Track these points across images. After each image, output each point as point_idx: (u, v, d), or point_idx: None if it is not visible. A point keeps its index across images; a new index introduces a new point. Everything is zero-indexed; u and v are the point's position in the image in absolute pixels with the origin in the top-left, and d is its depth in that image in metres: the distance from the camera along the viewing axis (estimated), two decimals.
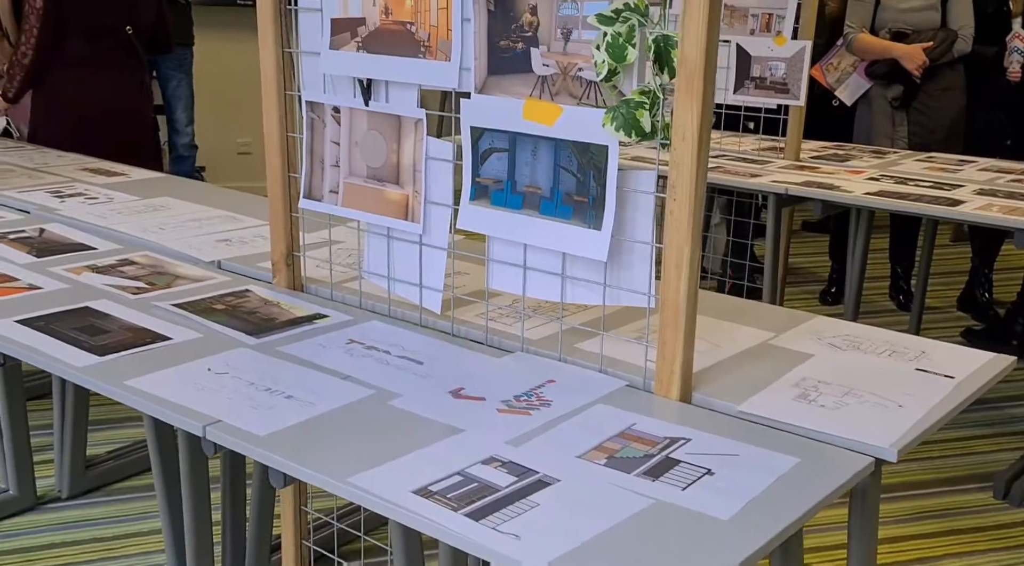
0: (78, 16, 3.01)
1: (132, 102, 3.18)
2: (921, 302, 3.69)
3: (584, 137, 1.41)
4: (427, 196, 1.61)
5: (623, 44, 1.32)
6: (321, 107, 1.70)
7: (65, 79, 3.06)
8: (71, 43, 3.03)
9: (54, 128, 3.06)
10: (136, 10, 3.17)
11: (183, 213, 2.28)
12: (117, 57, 3.12)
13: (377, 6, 1.58)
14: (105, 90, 3.08)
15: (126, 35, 3.12)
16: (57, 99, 3.07)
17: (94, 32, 3.05)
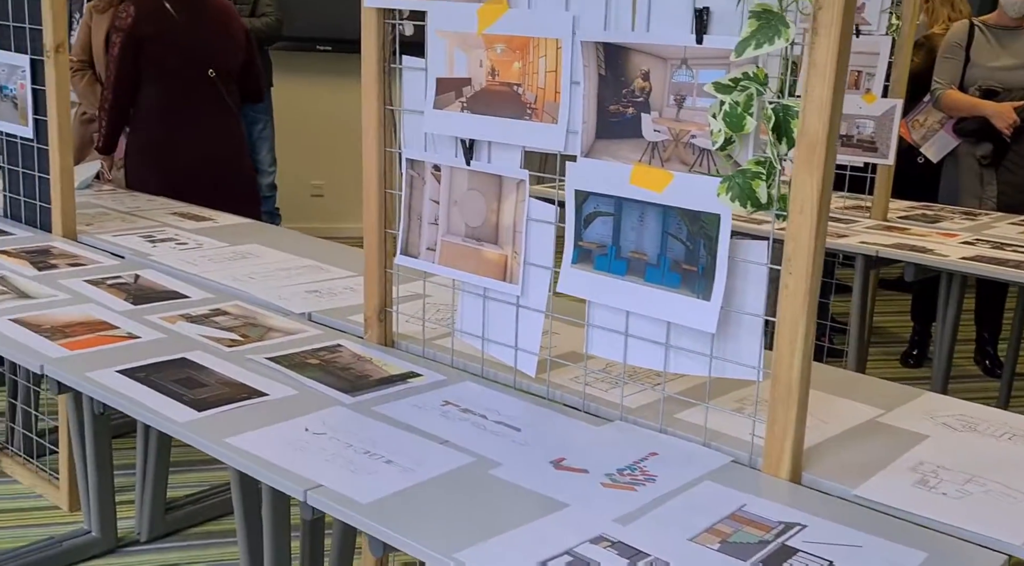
0: (157, 61, 3.08)
1: (221, 147, 3.23)
2: (1012, 371, 3.55)
3: (695, 205, 1.38)
4: (526, 257, 1.59)
5: (741, 114, 1.29)
6: (421, 165, 1.70)
7: (150, 125, 3.12)
8: (152, 89, 3.10)
9: (144, 173, 3.13)
10: (219, 54, 3.22)
11: (271, 262, 2.30)
12: (202, 102, 3.18)
13: (483, 67, 1.58)
14: (191, 135, 3.13)
15: (210, 79, 3.18)
16: (144, 145, 3.13)
17: (175, 77, 3.12)
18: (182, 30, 3.09)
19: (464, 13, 1.57)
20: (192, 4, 3.14)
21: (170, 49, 3.09)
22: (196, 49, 3.15)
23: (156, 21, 3.06)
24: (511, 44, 1.54)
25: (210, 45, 3.19)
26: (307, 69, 5.58)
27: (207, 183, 3.11)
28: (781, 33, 1.25)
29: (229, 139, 3.29)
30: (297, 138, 5.73)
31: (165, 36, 3.06)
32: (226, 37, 3.24)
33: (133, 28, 3.02)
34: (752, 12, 1.26)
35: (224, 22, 3.25)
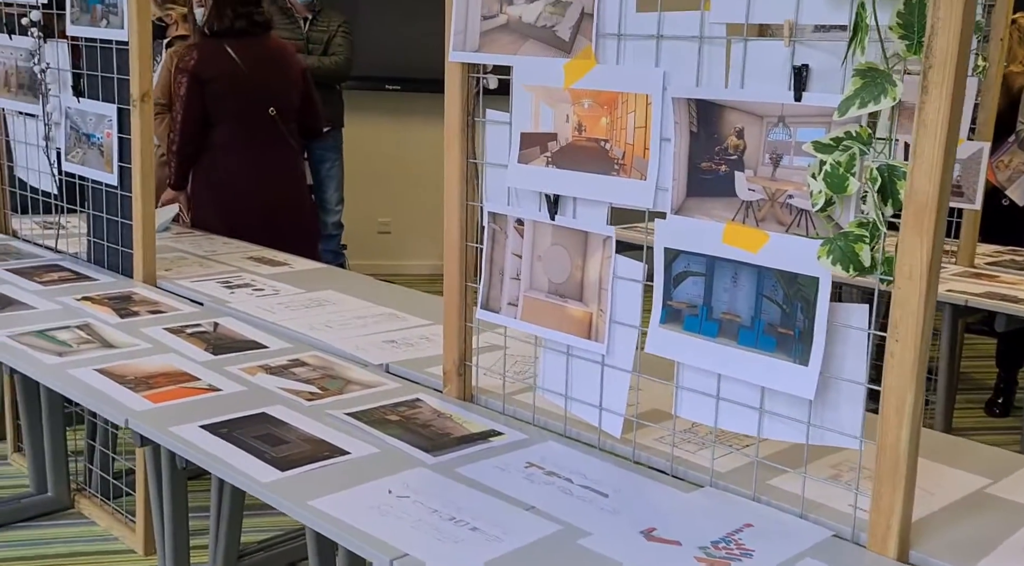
0: (220, 102, 3.14)
1: (283, 186, 3.27)
2: None
3: (792, 267, 1.32)
4: (612, 315, 1.55)
5: (843, 174, 1.24)
6: (504, 218, 1.68)
7: (214, 164, 3.18)
8: (216, 129, 3.15)
9: (210, 212, 3.18)
10: (279, 93, 3.27)
11: (347, 309, 2.30)
12: (264, 140, 3.23)
13: (570, 122, 1.56)
14: (254, 173, 3.18)
15: (271, 118, 3.23)
16: (209, 184, 3.19)
17: (238, 117, 3.17)
18: (243, 71, 3.16)
19: (550, 68, 1.55)
20: (251, 45, 3.21)
21: (232, 90, 3.16)
22: (257, 89, 3.22)
23: (218, 63, 3.13)
24: (599, 99, 1.52)
25: (270, 85, 3.25)
26: (375, 108, 5.65)
27: (269, 219, 3.15)
28: (887, 92, 1.20)
29: (290, 176, 3.34)
30: (364, 175, 5.79)
31: (227, 77, 3.13)
32: (285, 76, 3.31)
33: (196, 69, 3.09)
34: (856, 70, 1.21)
35: (282, 61, 3.32)
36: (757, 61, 1.34)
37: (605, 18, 1.49)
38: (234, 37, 3.17)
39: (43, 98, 2.60)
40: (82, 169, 2.57)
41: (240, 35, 3.18)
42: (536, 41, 1.57)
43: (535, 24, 1.57)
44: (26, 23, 2.55)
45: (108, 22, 2.39)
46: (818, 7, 1.26)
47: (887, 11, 1.19)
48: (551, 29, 1.55)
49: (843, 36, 1.23)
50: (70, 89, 2.54)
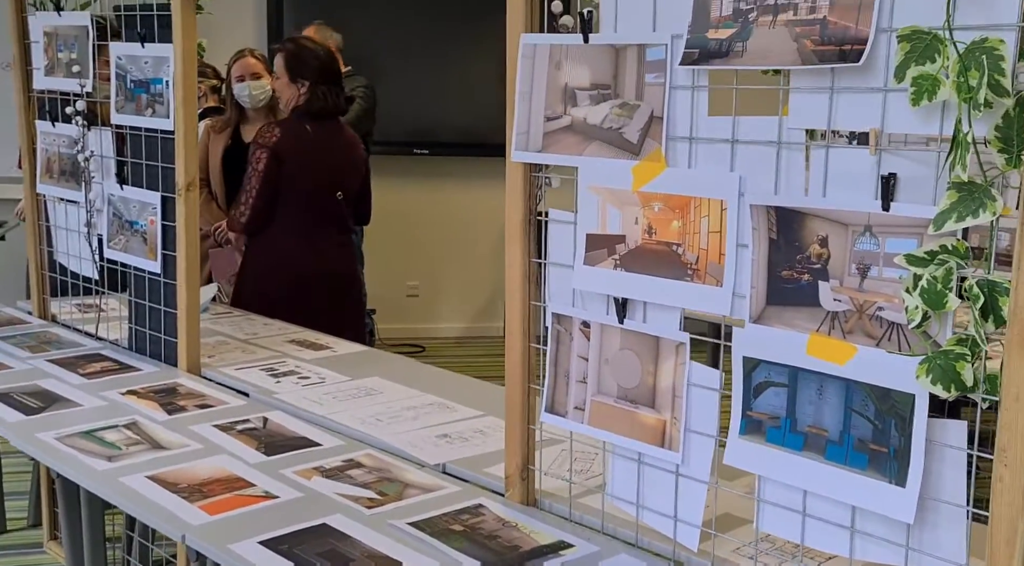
0: (295, 181, 3.13)
1: (341, 268, 3.26)
2: None
3: (885, 382, 1.27)
4: (687, 424, 1.50)
5: (942, 290, 1.19)
6: (569, 320, 1.63)
7: (276, 244, 3.16)
8: (284, 208, 3.14)
9: (258, 293, 3.15)
10: (347, 178, 3.27)
11: (395, 399, 2.25)
12: (329, 222, 3.21)
13: (639, 224, 1.52)
14: (315, 258, 3.16)
15: (337, 202, 3.21)
16: (268, 264, 3.16)
17: (309, 198, 3.16)
18: (319, 152, 3.15)
19: (618, 170, 1.52)
20: (327, 128, 3.21)
21: (307, 171, 3.15)
22: (329, 173, 3.20)
23: (298, 142, 3.12)
24: (670, 203, 1.48)
25: (341, 169, 3.25)
26: (404, 172, 5.66)
27: (324, 303, 3.12)
28: (986, 206, 1.15)
29: (348, 260, 3.32)
30: (392, 239, 5.78)
31: (304, 158, 3.12)
32: (353, 162, 3.31)
33: (278, 146, 3.08)
34: (953, 183, 1.17)
35: (350, 147, 3.33)
36: (840, 168, 1.30)
37: (675, 121, 1.46)
38: (316, 118, 3.16)
39: (86, 185, 2.59)
40: (125, 256, 2.55)
41: (322, 116, 3.17)
42: (602, 143, 1.54)
43: (601, 126, 1.54)
44: (70, 112, 2.55)
45: (154, 111, 2.39)
46: (906, 117, 1.22)
47: (985, 123, 1.15)
48: (618, 131, 1.52)
49: (932, 144, 1.20)
50: (114, 176, 2.53)
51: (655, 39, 1.46)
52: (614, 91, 1.52)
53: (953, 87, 1.15)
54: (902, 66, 1.18)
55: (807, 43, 1.29)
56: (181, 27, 2.29)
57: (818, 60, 1.28)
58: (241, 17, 5.43)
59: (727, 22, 1.37)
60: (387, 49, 5.43)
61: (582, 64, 1.55)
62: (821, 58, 1.27)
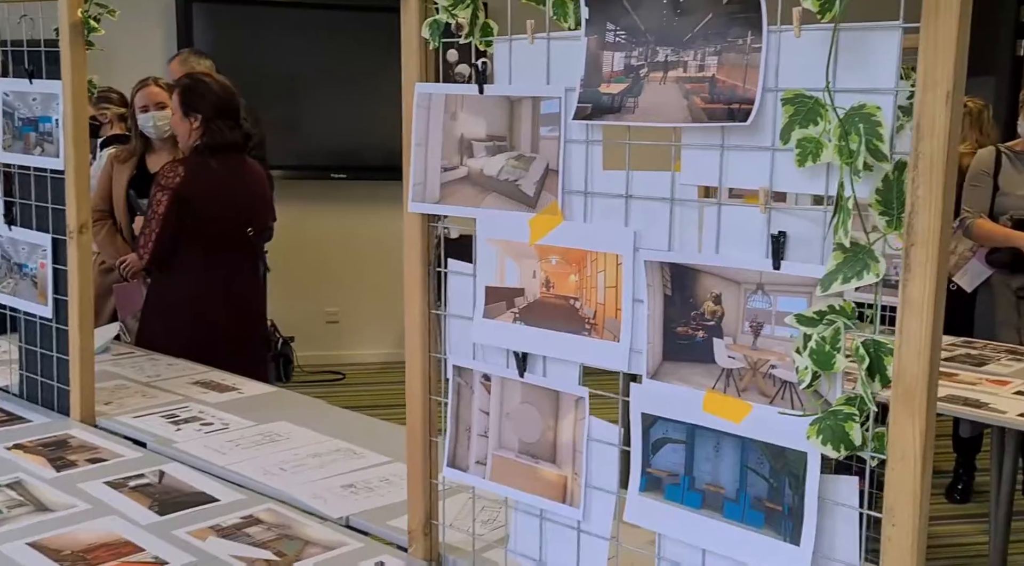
0: (200, 222, 3.04)
1: (248, 306, 3.17)
2: None
3: (779, 440, 1.27)
4: (588, 480, 1.48)
5: (830, 352, 1.19)
6: (470, 373, 1.60)
7: (185, 281, 3.06)
8: (190, 246, 3.04)
9: (163, 332, 3.04)
10: (257, 214, 3.19)
11: (301, 445, 2.19)
12: (237, 260, 3.13)
13: (537, 278, 1.50)
14: (221, 297, 3.07)
15: (246, 238, 3.14)
16: (169, 303, 3.06)
17: (215, 238, 3.07)
18: (226, 190, 3.07)
19: (515, 222, 1.50)
20: (233, 163, 3.12)
21: (213, 210, 3.05)
22: (237, 208, 3.12)
23: (203, 181, 3.03)
24: (567, 256, 1.46)
25: (250, 205, 3.17)
26: (322, 197, 5.58)
27: (229, 341, 3.03)
28: (870, 268, 1.16)
29: (255, 298, 3.23)
30: (309, 265, 5.69)
31: (210, 197, 3.03)
32: (261, 196, 3.24)
33: (181, 187, 2.99)
34: (837, 244, 1.18)
35: (259, 181, 3.25)
36: (732, 225, 1.30)
37: (571, 175, 1.44)
38: (220, 152, 3.07)
39: None
40: (13, 300, 2.43)
41: (227, 150, 3.08)
42: (499, 195, 1.52)
43: (497, 177, 1.52)
44: None
45: (43, 149, 2.29)
46: (794, 177, 1.22)
47: (866, 185, 1.16)
48: (514, 183, 1.50)
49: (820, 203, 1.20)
50: (1, 217, 2.41)
51: (549, 92, 1.44)
52: (510, 143, 1.50)
53: (835, 151, 1.16)
54: (787, 128, 1.19)
55: (697, 101, 1.28)
56: (71, 63, 2.20)
57: (707, 118, 1.27)
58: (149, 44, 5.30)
59: (619, 77, 1.36)
60: (304, 73, 5.36)
61: (478, 115, 1.53)
62: (710, 116, 1.27)
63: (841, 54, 1.17)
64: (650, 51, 1.32)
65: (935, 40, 1.08)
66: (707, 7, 1.26)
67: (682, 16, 1.29)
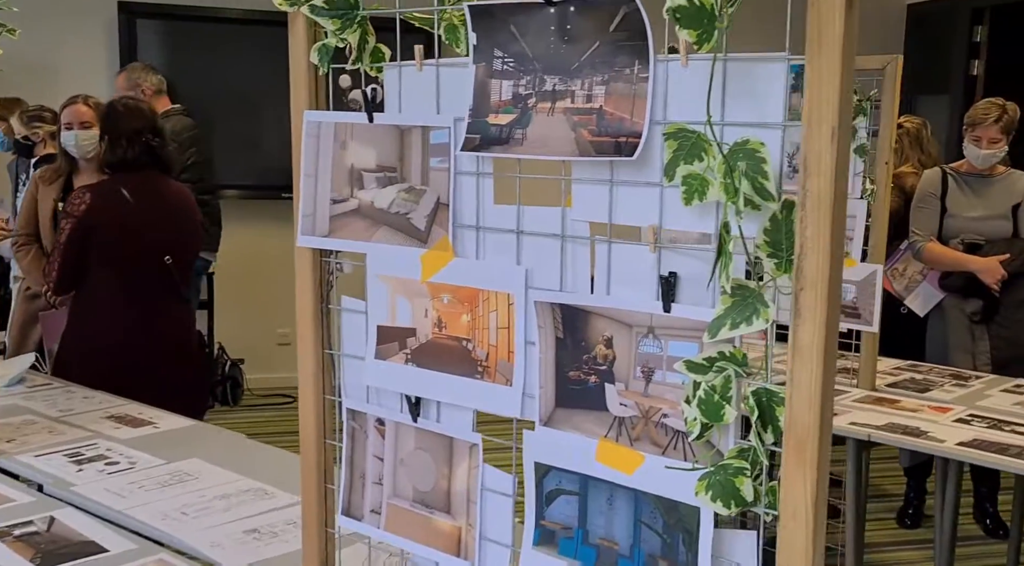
0: (109, 250, 2.93)
1: (171, 338, 3.05)
2: (1020, 530, 3.33)
3: (671, 493, 1.19)
4: (482, 531, 1.39)
5: (719, 402, 1.12)
6: (364, 416, 1.52)
7: (98, 313, 2.94)
8: (102, 277, 2.93)
9: (76, 366, 2.92)
10: (176, 241, 3.08)
11: (209, 486, 2.08)
12: (155, 291, 3.01)
13: (429, 317, 1.41)
14: (137, 329, 2.95)
15: (164, 266, 3.02)
16: (83, 336, 2.94)
17: (126, 267, 2.96)
18: (139, 216, 2.95)
19: (406, 258, 1.42)
20: (149, 186, 3.01)
21: (123, 236, 2.94)
22: (152, 235, 3.00)
23: (112, 208, 2.92)
24: (458, 295, 1.38)
25: (166, 231, 3.04)
26: (273, 217, 5.46)
27: (149, 371, 2.92)
28: (759, 313, 1.09)
29: (180, 326, 3.11)
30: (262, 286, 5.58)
31: (120, 223, 2.91)
32: (184, 224, 3.11)
33: (85, 216, 2.87)
34: (724, 287, 1.10)
35: (182, 208, 3.13)
36: (623, 265, 1.22)
37: (462, 208, 1.37)
38: (130, 172, 2.96)
39: None
40: None
41: (137, 169, 2.97)
42: (390, 228, 1.44)
43: (388, 210, 1.43)
44: None
45: None
46: (683, 214, 1.15)
47: (754, 224, 1.09)
48: (405, 216, 1.42)
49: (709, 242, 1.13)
50: None
51: (439, 122, 1.36)
52: (400, 174, 1.42)
53: (722, 189, 1.09)
54: (671, 164, 1.12)
55: (584, 133, 1.21)
56: None
57: (595, 152, 1.20)
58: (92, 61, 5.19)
59: (507, 107, 1.28)
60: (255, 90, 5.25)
61: (368, 144, 1.45)
62: (598, 150, 1.20)
63: (730, 86, 1.11)
64: (538, 80, 1.25)
65: (819, 75, 1.02)
66: (594, 34, 1.19)
67: (569, 43, 1.22)
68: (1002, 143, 3.43)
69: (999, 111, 3.41)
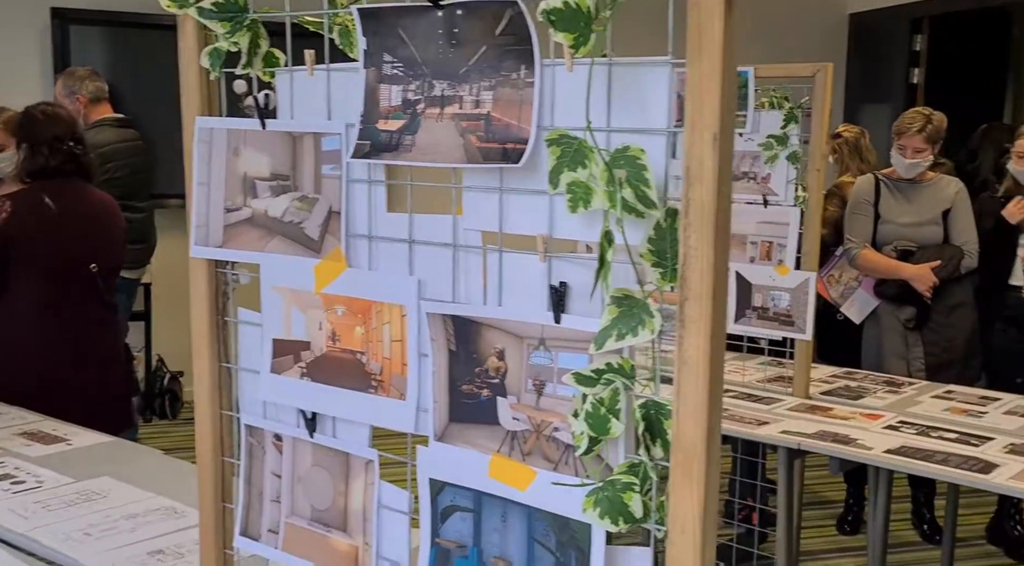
0: (31, 259, 2.83)
1: (97, 347, 2.97)
2: (952, 536, 3.36)
3: (563, 510, 1.16)
4: (379, 550, 1.35)
5: (605, 415, 1.09)
6: (261, 432, 1.47)
7: (20, 324, 2.85)
8: (24, 287, 2.84)
9: (4, 370, 2.83)
10: (101, 250, 2.99)
11: (118, 504, 2.01)
12: (80, 299, 2.92)
13: (323, 330, 1.37)
14: (66, 335, 2.87)
15: (90, 275, 2.94)
16: (12, 346, 2.85)
17: (50, 275, 2.87)
18: (61, 224, 2.87)
19: (300, 268, 1.37)
20: (72, 194, 2.93)
21: (45, 245, 2.85)
22: (76, 244, 2.92)
23: (32, 216, 2.83)
24: (352, 306, 1.34)
25: (90, 239, 2.96)
26: None
27: (71, 385, 2.83)
28: (645, 323, 1.06)
29: (106, 338, 3.02)
30: None
31: (41, 231, 2.83)
32: (108, 231, 3.03)
33: (6, 226, 2.78)
34: (612, 298, 1.08)
35: (105, 215, 3.05)
36: (514, 275, 1.19)
37: (355, 217, 1.32)
38: (52, 179, 2.88)
39: None
40: None
41: (59, 177, 2.89)
42: (284, 238, 1.39)
43: (282, 220, 1.39)
44: None
45: None
46: (571, 223, 1.12)
47: (639, 233, 1.06)
48: (299, 226, 1.38)
49: None
50: None
51: (330, 128, 1.32)
52: (294, 182, 1.38)
53: (606, 196, 1.06)
54: (555, 171, 1.09)
55: (473, 139, 1.18)
56: None
57: (483, 159, 1.17)
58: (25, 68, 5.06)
59: (397, 113, 1.25)
60: None
61: (261, 152, 1.40)
62: (486, 156, 1.17)
63: (616, 91, 1.08)
64: (427, 85, 1.22)
65: (700, 79, 0.99)
66: (481, 38, 1.16)
67: (457, 48, 1.18)
68: (927, 152, 3.46)
69: (923, 121, 3.45)
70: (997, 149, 4.34)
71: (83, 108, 4.33)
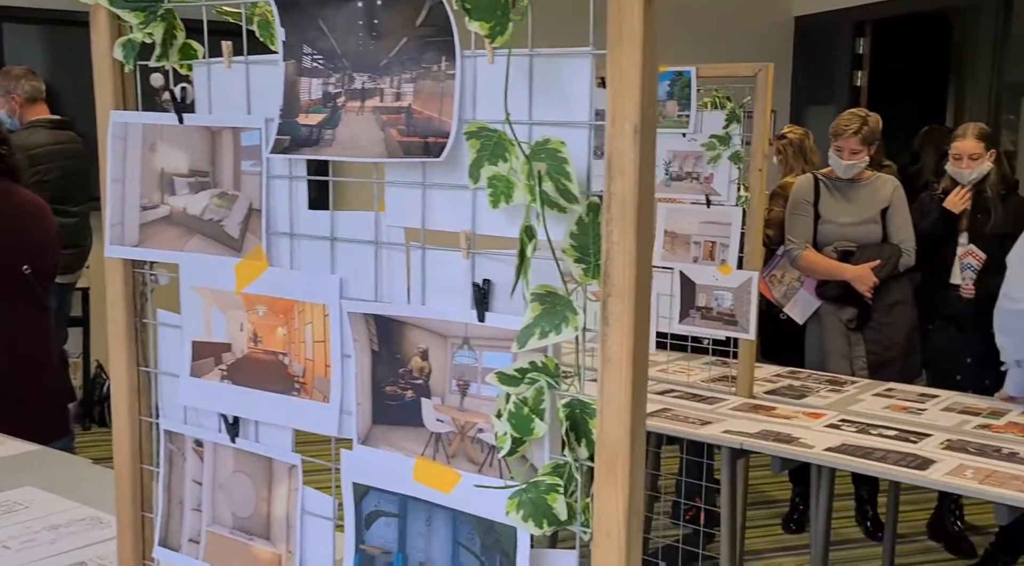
0: None
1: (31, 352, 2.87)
2: (893, 533, 3.40)
3: (487, 513, 1.13)
4: (302, 558, 1.31)
5: (528, 415, 1.06)
6: (181, 438, 1.41)
7: None
8: None
9: None
10: (35, 252, 2.90)
11: (40, 516, 1.94)
12: (12, 302, 2.83)
13: (244, 331, 1.33)
14: None
15: (23, 276, 2.84)
16: None
17: None
18: None
19: (220, 268, 1.33)
20: (1, 198, 2.83)
21: None
22: (7, 246, 2.82)
23: None
24: (274, 306, 1.30)
25: (24, 241, 2.87)
26: None
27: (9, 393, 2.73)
28: (569, 320, 1.04)
29: (42, 344, 2.93)
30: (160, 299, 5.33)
31: None
32: (41, 232, 2.94)
33: None
34: (535, 295, 1.05)
35: (36, 215, 2.95)
36: (437, 272, 1.16)
37: (276, 214, 1.28)
38: None
39: None
40: None
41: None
42: (203, 236, 1.34)
43: (201, 217, 1.34)
44: None
45: None
46: (493, 219, 1.09)
47: (561, 228, 1.04)
48: (219, 224, 1.33)
49: None
50: None
51: (249, 123, 1.28)
52: (213, 179, 1.33)
53: (527, 190, 1.03)
54: (475, 165, 1.06)
55: (394, 133, 1.15)
56: None
57: (404, 153, 1.14)
58: None
59: (317, 106, 1.21)
60: None
61: (179, 147, 1.35)
62: (407, 150, 1.13)
63: (538, 83, 1.06)
64: (347, 78, 1.18)
65: (620, 70, 0.97)
66: (401, 30, 1.13)
67: (378, 39, 1.15)
68: (863, 153, 3.51)
69: (859, 123, 3.49)
70: (938, 151, 4.41)
71: (19, 108, 4.21)
